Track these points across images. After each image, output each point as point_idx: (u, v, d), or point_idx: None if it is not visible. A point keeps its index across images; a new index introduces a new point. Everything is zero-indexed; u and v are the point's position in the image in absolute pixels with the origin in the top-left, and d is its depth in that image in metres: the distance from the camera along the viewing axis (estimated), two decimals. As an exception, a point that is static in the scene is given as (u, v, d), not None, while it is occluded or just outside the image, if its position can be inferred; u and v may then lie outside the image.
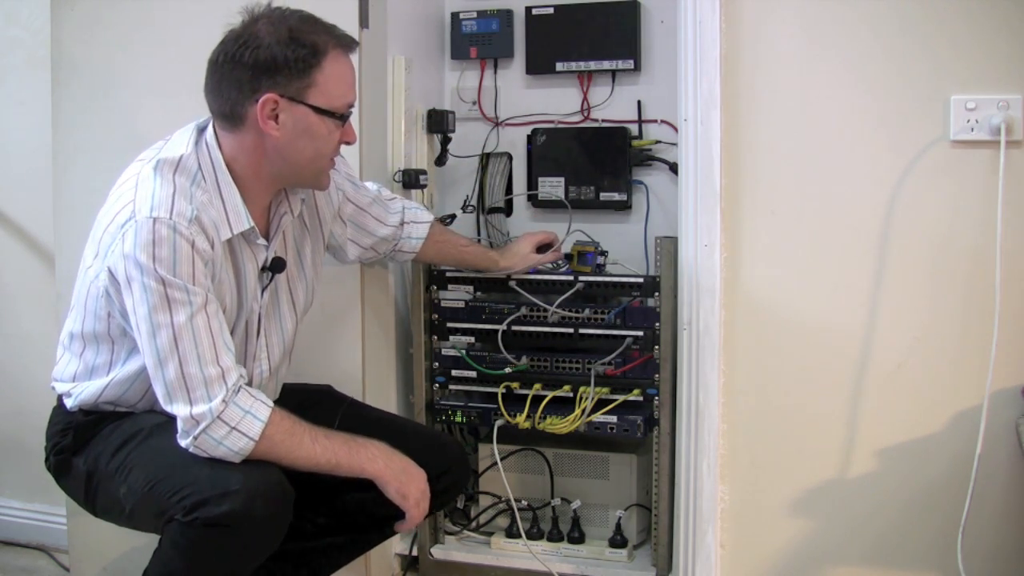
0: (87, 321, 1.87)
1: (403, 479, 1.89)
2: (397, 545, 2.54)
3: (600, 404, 2.31)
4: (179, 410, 1.73)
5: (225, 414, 1.73)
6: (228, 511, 1.67)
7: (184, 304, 1.72)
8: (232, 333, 1.86)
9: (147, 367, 1.76)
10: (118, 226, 1.74)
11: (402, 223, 2.24)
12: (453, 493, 2.23)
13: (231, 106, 1.80)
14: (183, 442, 1.74)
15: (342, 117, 1.84)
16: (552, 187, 2.65)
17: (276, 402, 1.82)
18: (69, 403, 1.93)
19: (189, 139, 1.85)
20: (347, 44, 1.83)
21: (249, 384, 1.82)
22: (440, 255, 2.33)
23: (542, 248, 2.38)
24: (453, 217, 2.59)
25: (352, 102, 1.85)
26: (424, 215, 2.29)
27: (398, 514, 1.91)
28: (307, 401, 2.05)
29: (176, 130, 1.89)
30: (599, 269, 2.41)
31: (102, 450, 1.87)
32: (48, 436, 1.96)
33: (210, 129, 1.86)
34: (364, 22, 2.30)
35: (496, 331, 2.38)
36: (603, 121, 2.65)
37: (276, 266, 1.94)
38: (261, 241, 1.90)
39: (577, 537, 2.47)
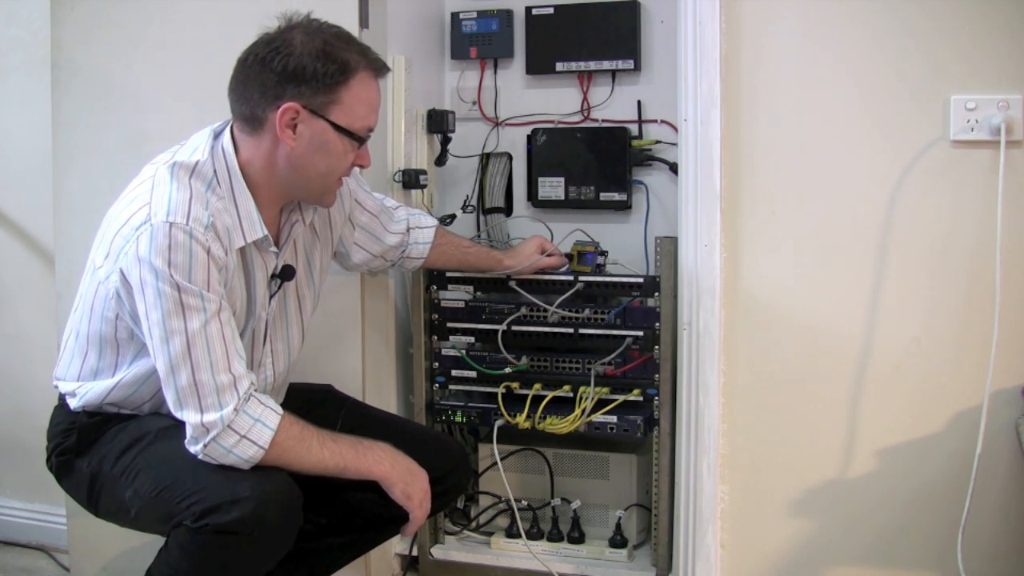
0: (93, 322, 1.86)
1: (408, 480, 1.89)
2: (397, 545, 2.54)
3: (600, 404, 2.31)
4: (189, 417, 1.72)
5: (235, 423, 1.72)
6: (238, 518, 1.67)
7: (198, 311, 1.71)
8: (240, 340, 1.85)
9: (159, 372, 1.75)
10: (132, 228, 1.73)
11: (408, 229, 2.24)
12: (454, 494, 2.24)
13: (251, 108, 1.79)
14: (192, 449, 1.74)
15: (359, 139, 1.84)
16: (552, 187, 2.65)
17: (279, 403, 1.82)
18: (73, 403, 1.92)
19: (205, 144, 1.84)
20: (379, 68, 1.83)
21: (257, 390, 1.81)
22: (443, 258, 2.32)
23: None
24: (453, 217, 2.59)
25: (372, 126, 1.85)
26: (427, 220, 2.29)
27: (399, 515, 1.91)
28: (309, 402, 2.05)
29: (192, 133, 1.88)
30: (599, 269, 2.41)
31: (107, 452, 1.86)
32: (50, 436, 1.95)
33: (226, 134, 1.85)
34: (364, 22, 2.30)
35: (496, 331, 2.38)
36: (603, 121, 2.65)
37: (286, 274, 1.94)
38: (273, 249, 1.90)
39: (577, 537, 2.47)
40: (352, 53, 1.79)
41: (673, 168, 2.54)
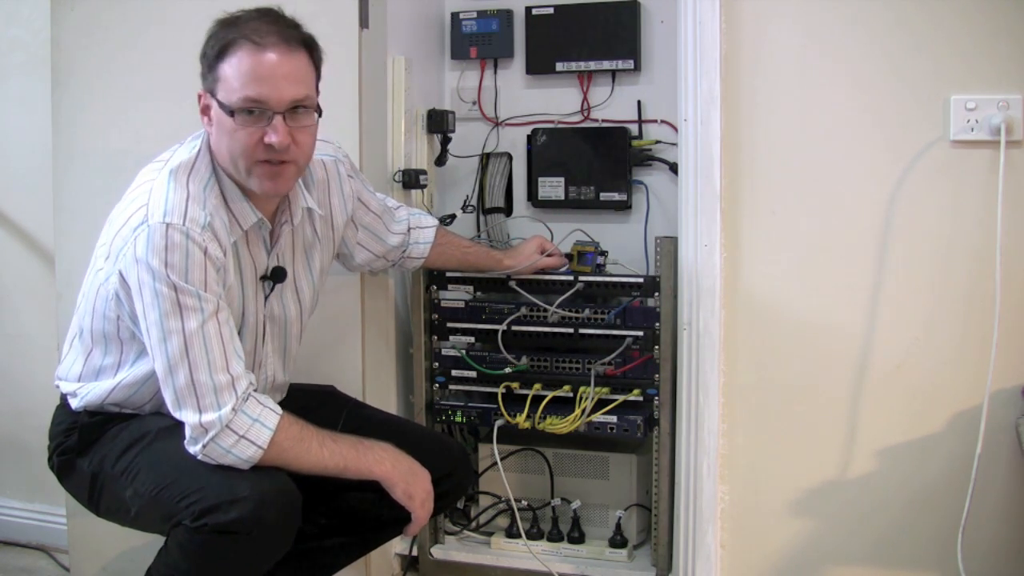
0: (95, 322, 1.87)
1: (410, 480, 1.89)
2: (397, 545, 2.53)
3: (600, 404, 2.31)
4: (188, 417, 1.73)
5: (234, 423, 1.72)
6: (237, 518, 1.67)
7: (196, 311, 1.72)
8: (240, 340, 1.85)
9: (157, 373, 1.75)
10: (131, 229, 1.74)
11: (409, 229, 2.24)
12: (456, 495, 2.23)
13: None
14: (191, 449, 1.74)
15: (233, 112, 1.75)
16: (552, 187, 2.65)
17: (281, 403, 1.82)
18: (74, 403, 1.93)
19: (200, 141, 1.85)
20: (258, 41, 1.74)
21: (256, 390, 1.81)
22: (444, 258, 2.33)
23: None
24: (453, 217, 2.59)
25: (255, 97, 1.75)
26: (428, 220, 2.29)
27: (400, 515, 1.91)
28: (311, 403, 2.05)
29: (192, 133, 1.89)
30: (599, 269, 2.41)
31: (108, 452, 1.86)
32: (51, 435, 1.96)
33: None
34: (364, 22, 2.30)
35: (496, 331, 2.38)
36: (603, 121, 2.65)
37: (277, 276, 1.94)
38: (266, 245, 1.90)
39: (577, 537, 2.47)
40: (240, 29, 1.76)
41: (673, 168, 2.54)
